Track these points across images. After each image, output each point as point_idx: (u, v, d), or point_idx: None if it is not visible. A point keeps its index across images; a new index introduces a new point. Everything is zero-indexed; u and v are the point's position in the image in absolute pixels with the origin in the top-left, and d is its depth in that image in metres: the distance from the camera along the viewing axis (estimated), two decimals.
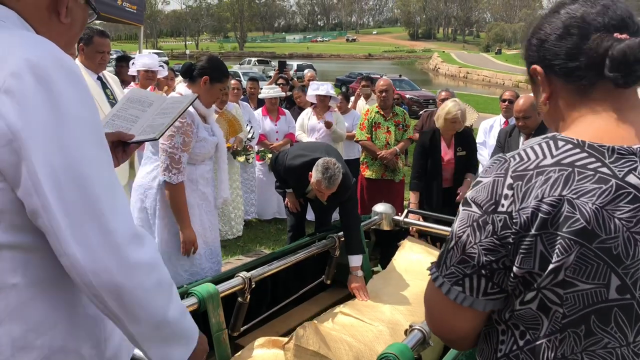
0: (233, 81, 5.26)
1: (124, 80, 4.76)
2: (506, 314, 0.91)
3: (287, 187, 3.63)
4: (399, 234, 3.63)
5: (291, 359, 2.11)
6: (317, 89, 5.27)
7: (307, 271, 3.28)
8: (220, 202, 2.97)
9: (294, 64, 26.69)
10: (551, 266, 0.81)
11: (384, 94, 4.78)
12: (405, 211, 3.71)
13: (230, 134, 4.84)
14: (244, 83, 7.11)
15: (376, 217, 3.65)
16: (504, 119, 4.97)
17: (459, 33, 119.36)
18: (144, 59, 4.59)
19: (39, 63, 0.84)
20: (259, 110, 5.69)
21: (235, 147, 4.91)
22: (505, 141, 3.81)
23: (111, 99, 3.51)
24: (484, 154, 4.84)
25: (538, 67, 0.94)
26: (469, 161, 4.08)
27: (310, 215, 4.04)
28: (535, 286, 0.84)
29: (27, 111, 0.82)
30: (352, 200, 3.31)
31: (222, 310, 2.33)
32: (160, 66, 4.72)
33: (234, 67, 25.81)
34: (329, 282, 3.36)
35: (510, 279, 0.87)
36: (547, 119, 0.98)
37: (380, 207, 3.69)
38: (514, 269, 0.85)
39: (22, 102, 0.82)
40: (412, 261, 3.27)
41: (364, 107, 5.53)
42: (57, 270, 0.91)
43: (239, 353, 2.29)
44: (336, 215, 3.40)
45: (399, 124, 4.84)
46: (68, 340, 0.95)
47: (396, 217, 3.65)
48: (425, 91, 19.99)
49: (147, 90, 1.61)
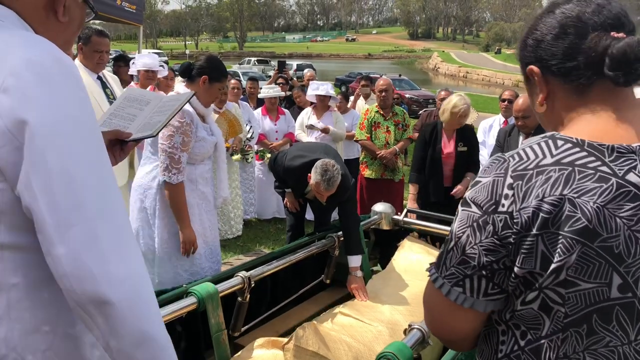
0: (233, 81, 5.26)
1: (122, 79, 4.75)
2: (507, 314, 0.91)
3: (286, 187, 3.62)
4: (399, 233, 3.63)
5: (291, 359, 2.11)
6: (317, 88, 5.27)
7: (307, 271, 3.28)
8: (219, 201, 2.97)
9: (293, 63, 26.70)
10: (553, 266, 0.81)
11: (383, 93, 4.77)
12: (405, 210, 3.71)
13: (230, 134, 4.83)
14: (244, 83, 7.11)
15: (376, 216, 3.65)
16: (503, 119, 4.97)
17: (458, 32, 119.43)
18: (144, 58, 4.59)
19: (38, 63, 0.84)
20: (259, 109, 5.68)
21: (235, 147, 4.91)
22: (505, 141, 3.81)
23: (111, 98, 3.50)
24: (483, 154, 4.84)
25: (535, 68, 0.93)
26: (470, 157, 4.07)
27: (310, 215, 4.03)
28: (536, 286, 0.84)
29: (26, 109, 0.82)
30: (351, 200, 3.31)
31: (222, 310, 2.33)
32: (161, 66, 4.72)
33: (233, 67, 25.80)
34: (328, 281, 3.35)
35: (511, 279, 0.86)
36: (544, 119, 0.98)
37: (379, 207, 3.69)
38: (515, 269, 0.85)
39: (23, 99, 0.82)
40: (411, 261, 3.27)
41: (364, 107, 5.52)
42: None
43: (238, 353, 2.29)
44: (335, 215, 3.40)
45: (398, 123, 4.84)
46: (69, 339, 0.94)
47: (396, 217, 3.65)
48: (424, 91, 19.99)
49: (145, 90, 1.60)
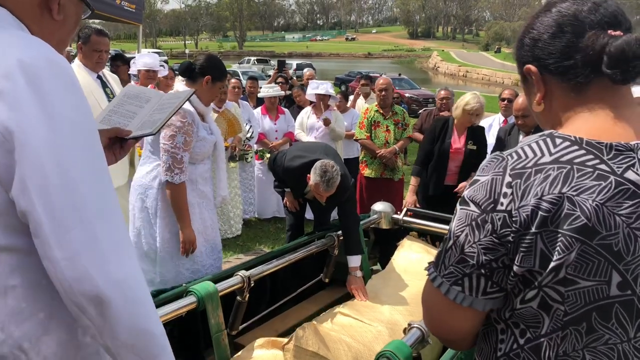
0: (233, 80, 5.26)
1: (121, 79, 4.75)
2: (506, 313, 0.91)
3: (286, 187, 3.62)
4: (398, 232, 3.63)
5: (291, 359, 2.11)
6: (317, 87, 5.27)
7: (306, 270, 3.28)
8: (219, 200, 2.98)
9: (293, 63, 26.66)
10: (552, 264, 0.81)
11: (383, 92, 4.77)
12: (404, 210, 3.71)
13: (230, 133, 4.83)
14: (244, 82, 7.11)
15: (375, 215, 3.64)
16: (503, 118, 4.97)
17: (458, 32, 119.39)
18: (145, 58, 4.59)
19: (31, 65, 0.83)
20: (258, 109, 5.68)
21: (235, 148, 4.90)
22: (505, 139, 3.81)
23: (111, 97, 3.50)
24: None
25: (532, 67, 0.93)
26: (478, 157, 4.03)
27: (310, 214, 4.03)
28: (536, 284, 0.84)
29: (18, 113, 0.81)
30: (351, 200, 3.30)
31: (222, 311, 2.33)
32: (161, 65, 4.72)
33: (233, 66, 25.76)
34: (327, 280, 3.35)
35: (510, 277, 0.86)
36: (541, 118, 0.98)
37: (379, 206, 3.69)
38: (514, 267, 0.84)
39: (14, 104, 0.81)
40: (411, 260, 3.27)
41: (364, 106, 5.52)
42: None
43: (238, 354, 2.29)
44: (335, 215, 3.39)
45: (398, 122, 4.84)
46: (69, 341, 0.94)
47: (395, 216, 3.65)
48: (424, 90, 19.98)
49: (144, 87, 1.60)
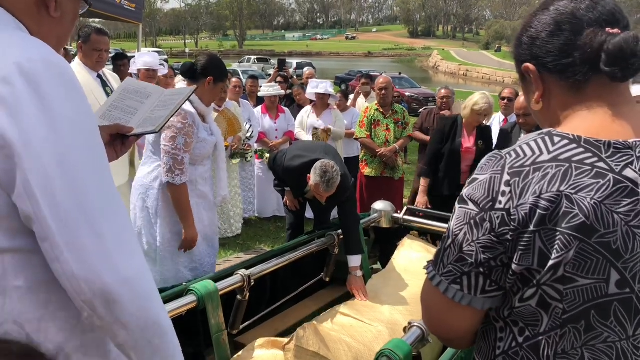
0: (234, 79, 5.25)
1: (123, 78, 4.75)
2: (505, 311, 0.91)
3: (286, 186, 3.62)
4: (399, 231, 3.64)
5: (292, 359, 2.11)
6: (316, 87, 5.26)
7: (307, 269, 3.28)
8: (219, 200, 2.99)
9: (293, 62, 26.60)
10: (551, 262, 0.81)
11: (383, 91, 4.77)
12: (405, 208, 3.71)
13: (230, 133, 4.83)
14: (244, 81, 7.11)
15: (375, 214, 3.64)
16: (503, 117, 4.96)
17: (458, 31, 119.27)
18: (144, 57, 4.58)
19: (30, 67, 0.82)
20: (259, 108, 5.68)
21: (235, 146, 4.90)
22: (507, 139, 3.81)
23: None
24: None
25: (530, 65, 0.93)
26: None
27: (310, 213, 4.03)
28: (534, 283, 0.84)
29: (18, 117, 0.80)
30: (351, 200, 3.30)
31: (222, 311, 2.33)
32: (161, 64, 4.72)
33: (233, 65, 25.71)
34: (328, 279, 3.36)
35: (509, 276, 0.86)
36: (540, 117, 0.98)
37: (379, 205, 3.69)
38: (513, 266, 0.85)
39: (14, 108, 0.80)
40: (411, 260, 3.27)
41: (364, 105, 5.52)
42: None
43: (238, 353, 2.29)
44: (335, 213, 3.39)
45: (398, 121, 4.83)
46: (73, 338, 0.94)
47: (395, 215, 3.65)
48: (424, 89, 19.97)
49: (143, 82, 1.60)
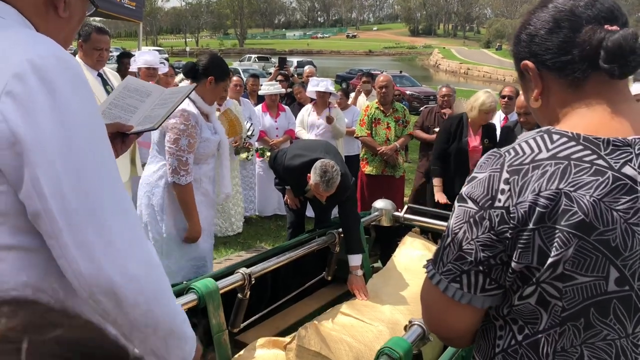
0: (235, 78, 5.25)
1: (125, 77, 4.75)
2: (504, 310, 0.91)
3: (287, 185, 3.62)
4: (399, 230, 3.64)
5: (293, 359, 2.11)
6: (317, 85, 5.26)
7: (307, 267, 3.28)
8: (222, 197, 3.04)
9: (294, 60, 26.57)
10: (550, 260, 0.81)
11: (383, 89, 4.76)
12: (405, 207, 3.71)
13: (230, 133, 4.83)
14: (244, 80, 7.10)
15: (376, 213, 3.64)
16: (503, 115, 4.95)
17: (459, 29, 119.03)
18: (145, 56, 4.58)
19: (42, 64, 0.83)
20: (259, 106, 5.68)
21: (237, 143, 4.91)
22: (510, 137, 3.80)
23: None
24: None
25: (529, 63, 0.93)
26: None
27: (310, 212, 4.03)
28: (534, 281, 0.84)
29: (31, 114, 0.81)
30: (351, 199, 3.30)
31: (223, 310, 2.33)
32: (161, 63, 4.71)
33: (234, 64, 25.68)
34: (329, 278, 3.36)
35: (508, 274, 0.86)
36: (539, 114, 0.98)
37: (380, 203, 3.69)
38: (512, 263, 0.85)
39: (26, 105, 0.81)
40: (412, 258, 3.26)
41: (365, 103, 5.52)
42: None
43: (239, 353, 2.29)
44: (336, 212, 3.39)
45: (399, 119, 4.83)
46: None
47: (396, 213, 3.65)
48: (425, 87, 19.96)
49: (144, 81, 1.60)
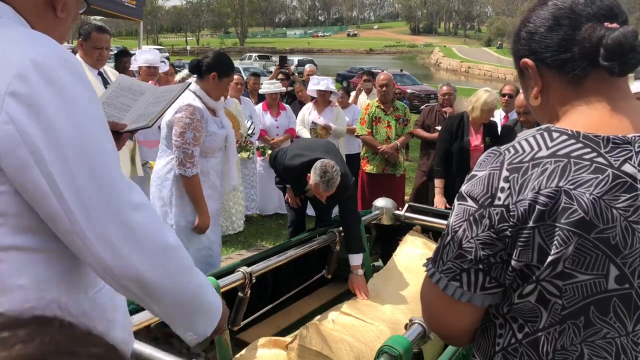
0: (236, 76, 5.25)
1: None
2: (504, 308, 0.91)
3: (287, 184, 3.62)
4: (400, 228, 3.64)
5: (294, 359, 2.12)
6: (318, 83, 5.26)
7: (308, 266, 3.29)
8: (229, 189, 3.16)
9: (294, 59, 26.57)
10: (550, 258, 0.81)
11: (384, 88, 4.76)
12: (406, 205, 3.71)
13: None
14: (245, 78, 7.09)
15: (377, 212, 3.64)
16: (504, 114, 4.95)
17: (460, 27, 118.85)
18: (145, 54, 4.58)
19: (45, 63, 0.82)
20: (260, 105, 5.67)
21: (238, 143, 4.91)
22: (511, 135, 3.80)
23: None
24: None
25: (529, 60, 0.93)
26: None
27: (311, 211, 4.03)
28: (533, 279, 0.84)
29: (38, 114, 0.81)
30: (352, 199, 3.30)
31: None
32: (162, 62, 4.71)
33: (234, 63, 25.71)
34: (329, 276, 3.36)
35: (508, 272, 0.86)
36: (539, 112, 0.97)
37: (380, 202, 3.69)
38: (512, 262, 0.85)
39: (32, 105, 0.80)
40: (413, 257, 3.26)
41: (366, 102, 5.51)
42: (63, 270, 0.92)
43: (241, 352, 2.29)
44: (337, 211, 3.40)
45: (399, 118, 4.83)
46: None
47: (397, 212, 3.64)
48: (426, 86, 19.92)
49: (136, 79, 1.62)
